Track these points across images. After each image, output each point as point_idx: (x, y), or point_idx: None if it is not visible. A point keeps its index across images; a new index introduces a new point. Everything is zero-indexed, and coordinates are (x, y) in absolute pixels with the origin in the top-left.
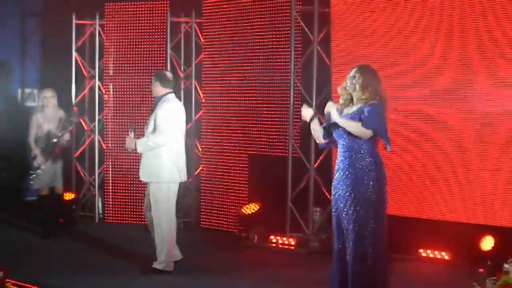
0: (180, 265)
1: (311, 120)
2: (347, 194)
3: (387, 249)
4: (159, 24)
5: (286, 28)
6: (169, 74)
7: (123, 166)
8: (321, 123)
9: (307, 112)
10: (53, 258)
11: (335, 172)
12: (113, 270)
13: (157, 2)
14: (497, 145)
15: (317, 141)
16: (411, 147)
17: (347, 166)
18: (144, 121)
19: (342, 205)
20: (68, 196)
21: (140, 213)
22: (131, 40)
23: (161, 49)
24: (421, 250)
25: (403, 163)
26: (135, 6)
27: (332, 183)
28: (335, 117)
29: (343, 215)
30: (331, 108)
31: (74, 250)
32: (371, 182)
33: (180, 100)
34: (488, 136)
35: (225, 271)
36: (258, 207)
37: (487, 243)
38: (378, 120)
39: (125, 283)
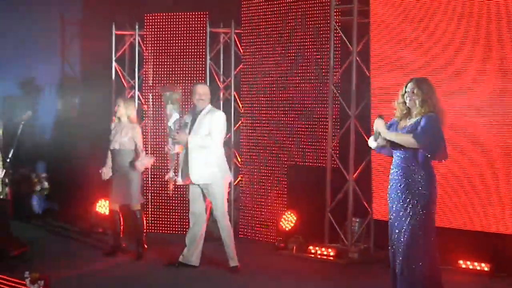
0: (221, 276)
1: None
2: (399, 205)
3: (437, 262)
4: (198, 34)
5: (325, 39)
6: None
7: (164, 176)
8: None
9: (379, 124)
10: (92, 268)
11: (389, 182)
12: (153, 282)
13: (196, 13)
14: None
15: (372, 146)
16: (453, 156)
17: (400, 177)
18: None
19: (394, 215)
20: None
21: (178, 222)
22: (171, 51)
23: (201, 59)
24: (461, 261)
25: (446, 174)
26: (174, 16)
27: (387, 192)
28: (385, 133)
29: (395, 225)
30: (379, 125)
31: (112, 260)
32: (423, 195)
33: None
34: None
35: (263, 282)
36: (295, 219)
37: None
38: (431, 134)
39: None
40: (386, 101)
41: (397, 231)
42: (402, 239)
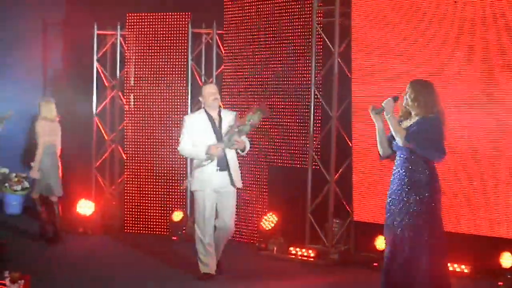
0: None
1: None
2: (400, 204)
3: (444, 262)
4: (180, 35)
5: (307, 40)
6: None
7: (143, 176)
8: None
9: (389, 104)
10: (72, 267)
11: (391, 182)
12: (133, 281)
13: (178, 13)
14: None
15: (381, 153)
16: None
17: (403, 177)
18: (164, 130)
19: (395, 213)
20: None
21: (159, 222)
22: (152, 51)
23: (182, 60)
24: None
25: None
26: (156, 17)
27: (387, 193)
28: (388, 116)
29: (395, 224)
30: (388, 104)
31: (93, 259)
32: (426, 195)
33: None
34: (509, 149)
35: (244, 283)
36: (276, 219)
37: (507, 259)
38: (423, 136)
39: None
40: (367, 103)
41: (399, 229)
42: (404, 239)
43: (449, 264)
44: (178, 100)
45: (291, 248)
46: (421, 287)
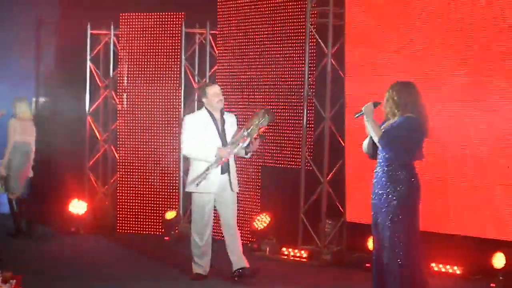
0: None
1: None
2: (380, 203)
3: (422, 260)
4: (173, 35)
5: (301, 41)
6: None
7: (136, 176)
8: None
9: (368, 108)
10: (64, 267)
11: (373, 182)
12: (125, 281)
13: (172, 13)
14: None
15: (368, 153)
16: (426, 160)
17: (383, 176)
18: (157, 130)
19: (378, 212)
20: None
21: (151, 222)
22: (146, 51)
23: (175, 60)
24: (433, 264)
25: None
26: (150, 16)
27: (372, 190)
28: (368, 117)
29: (379, 221)
30: (368, 108)
31: (85, 259)
32: (406, 194)
33: (194, 111)
34: (502, 149)
35: (236, 283)
36: (269, 220)
37: (499, 260)
38: (395, 135)
39: None
40: (360, 104)
41: (380, 227)
42: (385, 236)
43: (435, 265)
44: (171, 100)
45: (284, 249)
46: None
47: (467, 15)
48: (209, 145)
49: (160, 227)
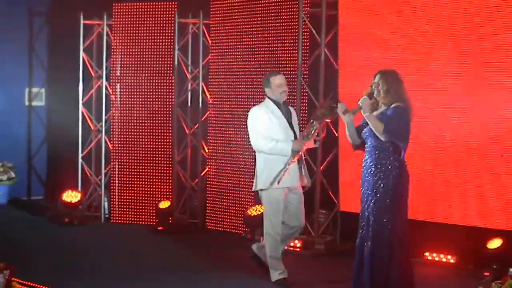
0: (185, 266)
1: (344, 113)
2: (368, 191)
3: (407, 250)
4: (166, 25)
5: (294, 30)
6: None
7: (129, 167)
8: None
9: (341, 107)
10: (58, 258)
11: (362, 169)
12: (118, 271)
13: (165, 3)
14: (508, 148)
15: (352, 143)
16: (420, 150)
17: (371, 164)
18: (150, 120)
19: (365, 200)
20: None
21: (145, 213)
22: (139, 41)
23: (169, 50)
24: (427, 253)
25: (412, 166)
26: (143, 6)
27: (361, 180)
28: (366, 112)
29: (366, 209)
30: (365, 103)
31: (79, 250)
32: (393, 182)
33: (187, 101)
34: (498, 138)
35: (230, 272)
36: (263, 210)
37: (494, 243)
38: (397, 125)
39: (131, 284)
40: (354, 94)
41: (366, 214)
42: (370, 223)
43: (428, 254)
44: (164, 90)
45: None
46: (379, 272)
47: (467, 7)
48: (282, 139)
49: (153, 217)
